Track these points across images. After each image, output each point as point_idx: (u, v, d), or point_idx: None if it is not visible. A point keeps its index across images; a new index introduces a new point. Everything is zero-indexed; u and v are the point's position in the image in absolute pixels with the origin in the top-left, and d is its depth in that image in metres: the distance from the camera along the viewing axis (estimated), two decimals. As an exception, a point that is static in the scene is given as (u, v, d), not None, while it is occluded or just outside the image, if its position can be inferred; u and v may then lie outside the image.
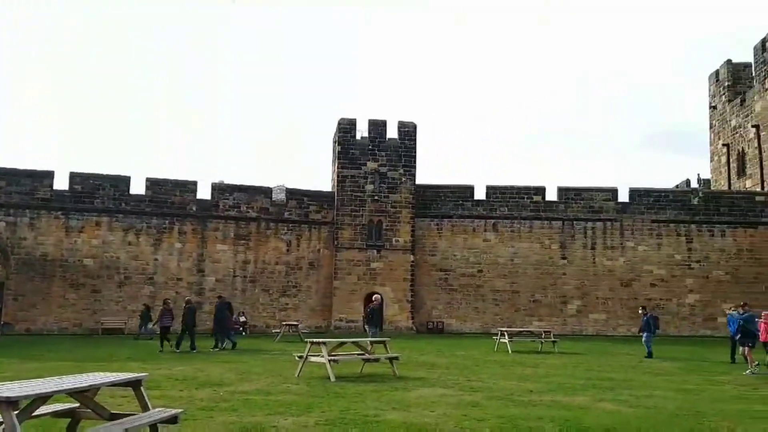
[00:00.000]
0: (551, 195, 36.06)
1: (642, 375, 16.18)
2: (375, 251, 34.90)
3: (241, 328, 32.33)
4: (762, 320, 18.09)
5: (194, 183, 35.14)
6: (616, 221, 35.18)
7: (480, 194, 36.27)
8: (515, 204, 35.90)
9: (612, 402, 11.60)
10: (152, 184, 34.35)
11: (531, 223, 35.59)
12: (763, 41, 35.53)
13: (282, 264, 35.12)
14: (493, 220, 35.69)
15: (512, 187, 36.34)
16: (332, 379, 13.58)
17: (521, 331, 25.25)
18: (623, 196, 35.67)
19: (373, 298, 21.68)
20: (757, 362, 17.28)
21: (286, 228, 35.38)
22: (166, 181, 34.76)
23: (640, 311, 24.04)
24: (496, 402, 11.36)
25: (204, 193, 35.18)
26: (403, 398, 11.60)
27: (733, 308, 19.67)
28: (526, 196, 36.06)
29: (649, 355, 20.93)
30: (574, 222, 35.35)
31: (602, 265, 34.95)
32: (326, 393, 11.96)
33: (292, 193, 36.14)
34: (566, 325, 33.87)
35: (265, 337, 29.41)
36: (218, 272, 34.20)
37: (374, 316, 20.31)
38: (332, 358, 14.19)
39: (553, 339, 23.69)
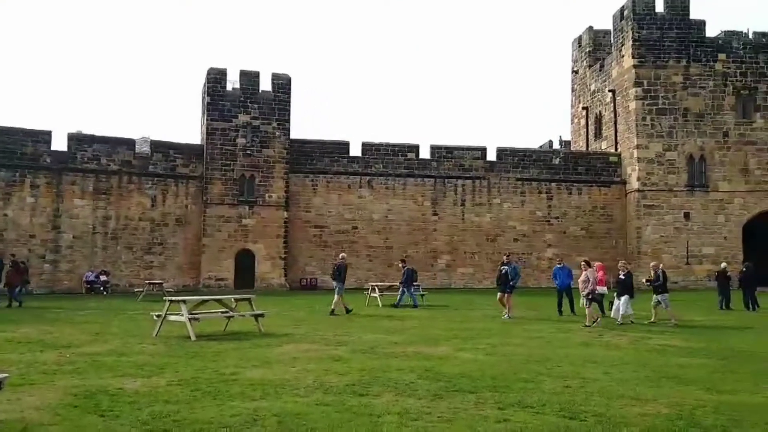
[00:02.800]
0: (424, 153, 36.70)
1: (500, 325, 16.94)
2: (247, 207, 34.05)
3: (102, 288, 30.75)
4: (594, 271, 19.14)
5: (48, 133, 32.42)
6: (485, 179, 36.45)
7: (356, 151, 36.23)
8: (390, 161, 36.20)
9: (470, 351, 12.01)
10: (0, 133, 31.35)
11: (405, 181, 36.09)
12: (622, 9, 37.56)
13: (146, 220, 33.41)
14: (368, 177, 35.83)
15: (387, 145, 36.56)
16: (192, 338, 13.09)
17: (391, 286, 25.68)
18: (491, 155, 36.95)
19: (340, 257, 21.54)
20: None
21: (150, 182, 33.58)
22: (15, 130, 31.82)
23: (399, 264, 24.17)
24: (360, 355, 11.42)
25: (60, 144, 32.57)
26: (265, 355, 11.38)
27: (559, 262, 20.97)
28: (400, 154, 36.43)
29: (408, 301, 22.19)
30: (446, 180, 36.24)
31: (471, 221, 36.22)
32: (184, 353, 11.49)
33: (157, 146, 34.22)
34: (436, 279, 34.95)
35: (128, 297, 28.01)
36: (76, 229, 31.99)
37: (340, 273, 20.26)
38: (192, 316, 13.66)
39: (422, 292, 24.31)
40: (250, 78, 34.70)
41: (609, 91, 38.91)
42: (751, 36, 36.47)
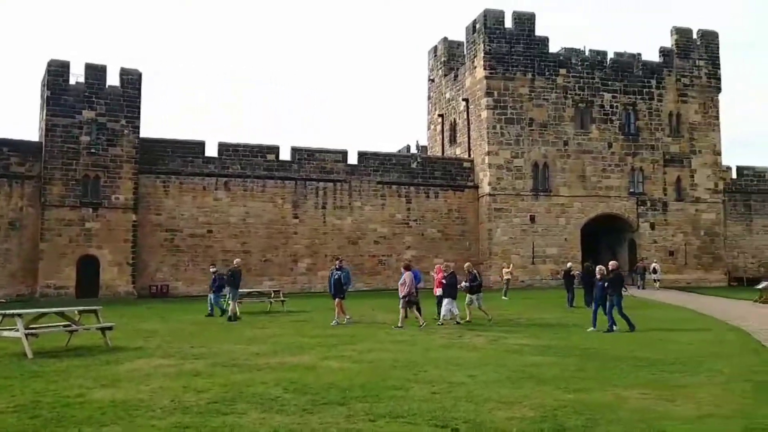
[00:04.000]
0: (285, 155, 36.05)
1: (364, 329, 16.91)
2: (91, 210, 31.60)
3: None
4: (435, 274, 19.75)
5: None
6: (346, 182, 36.52)
7: (212, 151, 34.82)
8: (248, 162, 35.18)
9: (337, 359, 11.81)
10: None
11: (264, 182, 35.24)
12: (474, 23, 39.28)
13: (-27, 224, 29.99)
14: (225, 179, 34.58)
15: (246, 145, 35.51)
16: (29, 356, 11.80)
17: (251, 292, 24.92)
18: (353, 159, 37.10)
19: (235, 262, 21.85)
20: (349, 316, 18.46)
21: (-22, 182, 30.19)
22: None
23: (211, 269, 23.91)
24: (220, 369, 10.84)
25: None
26: (114, 373, 10.48)
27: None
28: (259, 155, 35.52)
29: (218, 313, 21.03)
30: (307, 182, 35.86)
31: (332, 224, 36.10)
32: (20, 373, 10.32)
33: (-14, 142, 30.83)
34: (296, 284, 34.45)
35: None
36: None
37: (235, 278, 20.55)
38: (30, 331, 12.31)
39: (282, 298, 23.79)
40: (96, 72, 32.25)
41: (463, 99, 40.49)
42: (587, 53, 39.57)
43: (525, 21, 38.18)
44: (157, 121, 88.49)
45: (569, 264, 26.61)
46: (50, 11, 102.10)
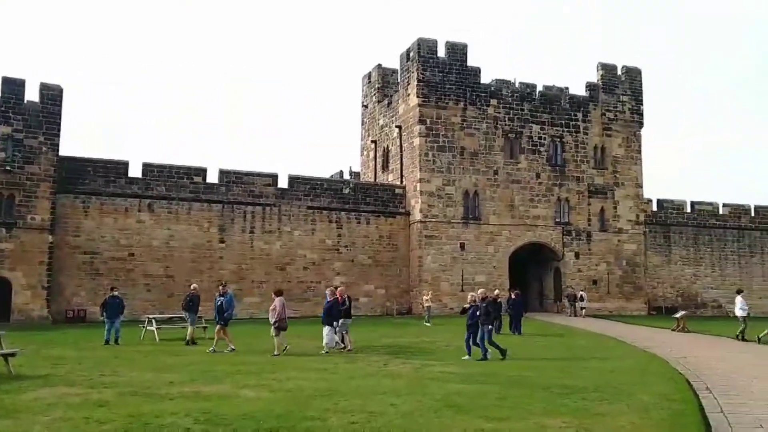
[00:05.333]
0: (212, 177, 35.23)
1: (284, 358, 16.40)
2: (4, 230, 29.88)
3: None
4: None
5: None
6: (275, 206, 35.93)
7: (135, 171, 33.63)
8: (174, 184, 34.15)
9: (254, 388, 11.35)
10: None
11: (190, 205, 34.25)
12: (408, 51, 39.80)
13: None
14: (148, 200, 33.43)
15: (171, 166, 34.50)
16: None
17: (171, 317, 23.96)
18: (283, 183, 36.60)
19: (192, 287, 21.47)
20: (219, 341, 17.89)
21: None
22: None
23: (113, 292, 21.78)
24: (129, 398, 10.22)
25: None
26: (14, 403, 9.73)
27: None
28: (186, 177, 34.56)
29: (113, 338, 19.72)
30: (235, 206, 35.09)
31: (260, 249, 35.37)
32: None
33: None
34: (222, 310, 33.37)
35: None
36: None
37: (193, 303, 20.31)
38: None
39: (204, 324, 22.94)
40: (13, 86, 30.77)
41: (396, 126, 40.76)
42: (517, 85, 40.64)
43: (458, 51, 38.94)
44: (83, 139, 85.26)
45: (496, 291, 26.85)
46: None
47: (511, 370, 14.03)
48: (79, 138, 73.04)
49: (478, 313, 16.31)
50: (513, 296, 26.27)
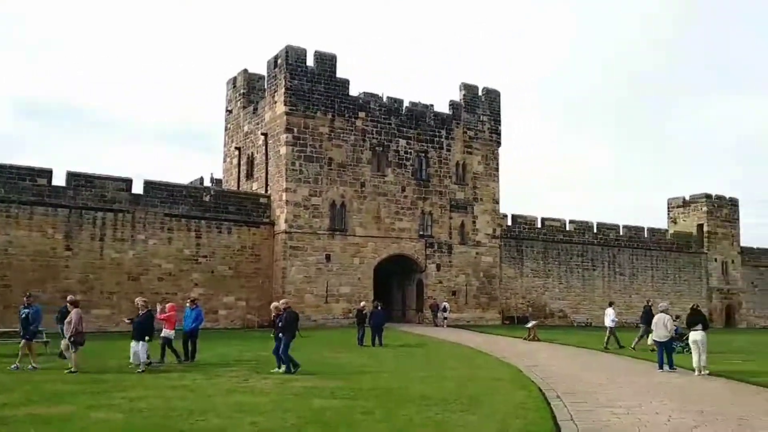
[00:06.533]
0: (59, 180, 32.49)
1: (139, 374, 15.30)
2: None
3: None
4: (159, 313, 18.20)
5: None
6: (129, 213, 33.77)
7: (-32, 171, 30.32)
8: (14, 186, 31.08)
9: (103, 408, 10.41)
10: None
11: (32, 209, 31.33)
12: (276, 58, 39.09)
13: None
14: (-17, 203, 30.22)
15: (11, 167, 31.40)
16: None
17: (6, 331, 21.66)
18: (138, 188, 34.48)
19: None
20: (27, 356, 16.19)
21: None
22: None
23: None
24: (-54, 427, 8.92)
25: None
26: None
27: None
28: (28, 178, 31.59)
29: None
30: (83, 211, 32.54)
31: (111, 257, 33.00)
32: None
33: None
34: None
35: None
36: None
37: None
38: None
39: (45, 339, 20.96)
40: None
41: (262, 134, 39.88)
42: (385, 99, 41.23)
43: (327, 61, 38.86)
44: None
45: (362, 303, 26.89)
46: None
47: (378, 383, 13.94)
48: None
49: (280, 323, 15.56)
50: (374, 308, 26.45)
